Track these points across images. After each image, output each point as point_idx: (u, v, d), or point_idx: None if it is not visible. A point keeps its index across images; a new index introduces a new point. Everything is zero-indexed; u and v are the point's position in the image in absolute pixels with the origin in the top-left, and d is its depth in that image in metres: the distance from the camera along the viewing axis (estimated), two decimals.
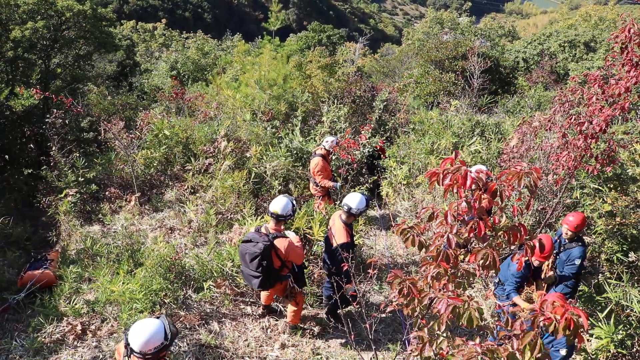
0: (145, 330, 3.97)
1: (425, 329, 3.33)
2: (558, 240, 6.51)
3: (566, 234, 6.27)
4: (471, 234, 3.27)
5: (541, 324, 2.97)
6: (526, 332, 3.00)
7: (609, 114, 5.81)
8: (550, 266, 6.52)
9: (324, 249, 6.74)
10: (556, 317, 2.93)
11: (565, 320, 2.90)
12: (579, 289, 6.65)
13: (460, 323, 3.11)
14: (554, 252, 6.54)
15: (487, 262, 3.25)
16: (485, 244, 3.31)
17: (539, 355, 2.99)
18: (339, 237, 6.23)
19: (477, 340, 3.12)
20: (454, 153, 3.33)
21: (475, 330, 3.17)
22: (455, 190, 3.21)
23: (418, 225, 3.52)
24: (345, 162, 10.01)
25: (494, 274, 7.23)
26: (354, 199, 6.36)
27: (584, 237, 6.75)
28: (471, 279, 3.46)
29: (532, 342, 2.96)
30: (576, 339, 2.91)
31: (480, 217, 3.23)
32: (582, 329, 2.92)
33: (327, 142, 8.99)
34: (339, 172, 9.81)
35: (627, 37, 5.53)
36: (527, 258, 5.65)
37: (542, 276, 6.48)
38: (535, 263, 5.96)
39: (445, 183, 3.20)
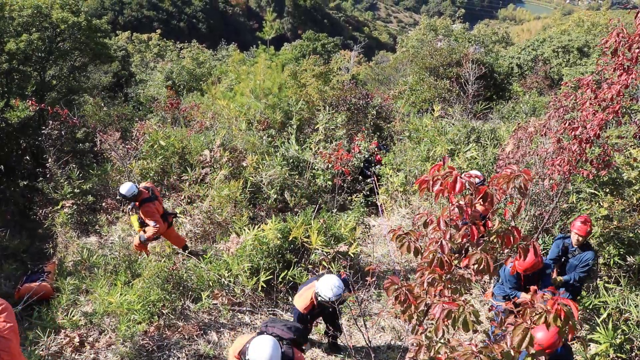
0: None
1: (423, 335, 3.33)
2: (564, 247, 6.40)
3: (577, 240, 6.10)
4: (464, 239, 3.27)
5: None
6: (517, 325, 3.00)
7: (602, 119, 5.84)
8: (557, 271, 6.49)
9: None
10: (547, 308, 2.94)
11: (555, 310, 2.91)
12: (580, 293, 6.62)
13: (456, 327, 3.11)
14: (558, 257, 6.49)
15: (482, 267, 3.25)
16: (479, 249, 3.31)
17: (533, 351, 3.00)
18: (300, 301, 5.73)
19: (473, 341, 3.12)
20: (442, 159, 3.32)
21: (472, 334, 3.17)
22: (445, 196, 3.21)
23: (414, 231, 3.52)
24: (339, 172, 9.99)
25: (490, 279, 7.21)
26: (327, 286, 5.41)
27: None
28: (467, 284, 3.46)
29: (523, 334, 2.98)
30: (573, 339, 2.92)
31: (473, 222, 3.23)
32: (572, 319, 2.92)
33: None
34: (334, 182, 9.82)
35: (616, 42, 5.57)
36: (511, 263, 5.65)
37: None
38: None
39: (436, 189, 3.19)
